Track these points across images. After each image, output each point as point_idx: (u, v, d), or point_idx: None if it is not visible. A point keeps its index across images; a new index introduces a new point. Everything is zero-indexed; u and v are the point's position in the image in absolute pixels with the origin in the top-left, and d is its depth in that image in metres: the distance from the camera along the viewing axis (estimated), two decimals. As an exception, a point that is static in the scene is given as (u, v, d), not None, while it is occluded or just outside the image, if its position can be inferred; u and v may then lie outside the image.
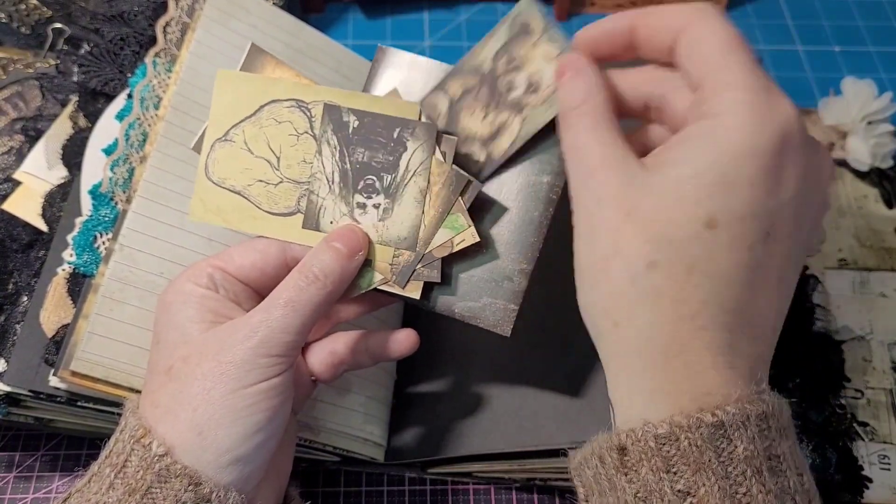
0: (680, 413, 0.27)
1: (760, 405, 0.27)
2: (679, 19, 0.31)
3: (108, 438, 0.34)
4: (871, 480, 0.47)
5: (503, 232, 0.38)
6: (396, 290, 0.36)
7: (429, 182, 0.36)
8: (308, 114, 0.35)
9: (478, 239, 0.36)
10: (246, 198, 0.37)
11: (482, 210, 0.37)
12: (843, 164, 0.61)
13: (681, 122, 0.30)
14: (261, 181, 0.37)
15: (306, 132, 0.36)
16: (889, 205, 0.59)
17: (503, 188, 0.38)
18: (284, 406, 0.34)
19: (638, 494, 0.28)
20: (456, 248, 0.36)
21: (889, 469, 0.48)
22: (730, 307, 0.28)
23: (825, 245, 0.57)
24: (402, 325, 0.47)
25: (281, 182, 0.36)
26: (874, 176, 0.60)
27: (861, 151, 0.60)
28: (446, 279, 0.37)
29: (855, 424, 0.49)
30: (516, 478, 0.47)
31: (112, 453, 0.32)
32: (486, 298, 0.37)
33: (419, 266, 0.36)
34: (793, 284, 0.31)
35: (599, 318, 0.30)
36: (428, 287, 0.37)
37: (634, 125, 0.34)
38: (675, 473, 0.27)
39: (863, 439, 0.49)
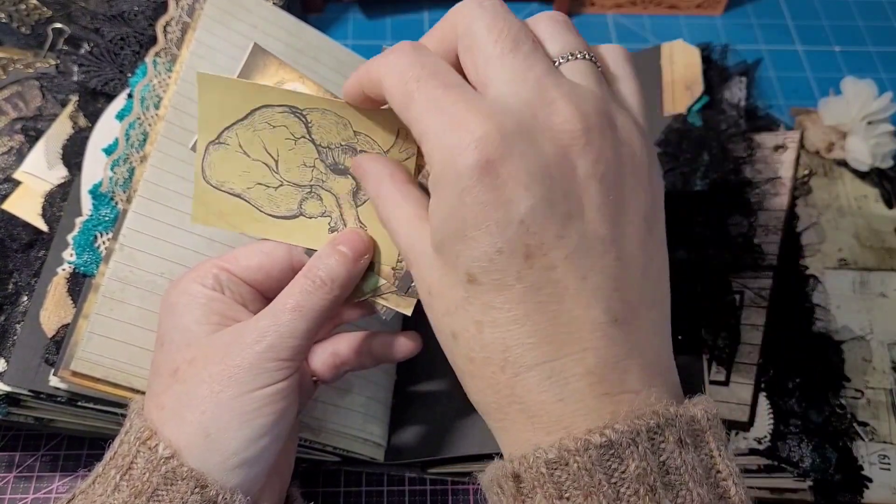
0: (569, 437, 0.26)
1: (653, 418, 0.26)
2: (375, 72, 0.30)
3: (112, 440, 0.34)
4: (871, 480, 0.47)
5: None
6: (391, 304, 0.36)
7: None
8: (304, 119, 0.35)
9: None
10: (247, 201, 0.36)
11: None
12: (843, 164, 0.61)
13: None
14: (260, 184, 0.36)
15: (304, 137, 0.36)
16: (889, 205, 0.59)
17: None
18: (290, 409, 0.34)
19: None
20: None
21: (889, 469, 0.48)
22: (530, 343, 0.27)
23: (825, 245, 0.57)
24: (404, 327, 0.47)
25: (281, 185, 0.36)
26: (874, 176, 0.60)
27: (861, 151, 0.60)
28: None
29: (855, 424, 0.49)
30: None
31: (117, 455, 0.32)
32: None
33: (414, 284, 0.36)
34: (609, 273, 0.27)
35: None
36: None
37: None
38: (567, 499, 0.26)
39: (863, 439, 0.49)
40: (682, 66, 0.58)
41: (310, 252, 0.36)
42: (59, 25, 0.54)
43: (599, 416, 0.26)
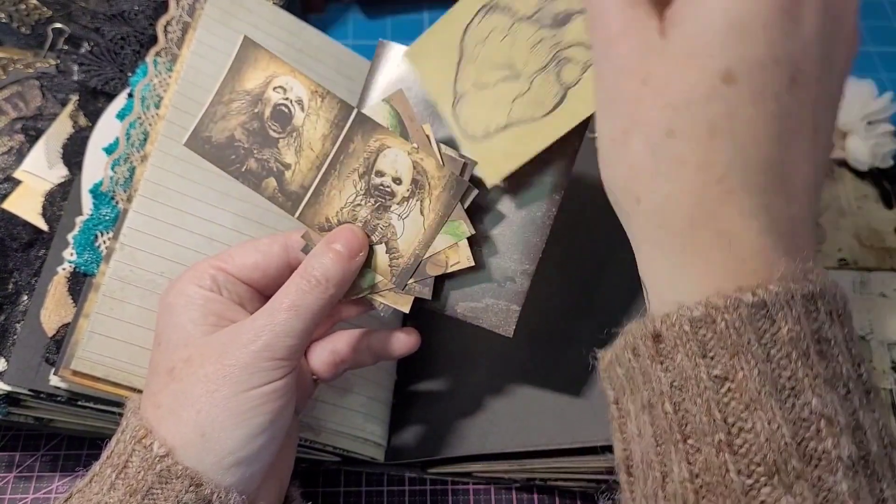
0: (717, 293, 0.25)
1: (807, 285, 0.25)
2: None
3: (110, 439, 0.34)
4: (871, 480, 0.47)
5: (505, 232, 0.38)
6: (389, 301, 0.36)
7: (429, 185, 0.36)
8: (499, 5, 0.33)
9: (472, 263, 0.36)
10: (518, 123, 0.34)
11: (484, 210, 0.37)
12: (843, 164, 0.61)
13: None
14: (517, 99, 0.34)
15: (513, 22, 0.33)
16: (889, 205, 0.59)
17: (505, 188, 0.38)
18: (287, 408, 0.34)
19: (674, 383, 0.26)
20: (449, 270, 0.36)
21: (889, 469, 0.48)
22: (760, 166, 0.25)
23: (825, 245, 0.57)
24: (402, 324, 0.47)
25: (531, 82, 0.34)
26: (874, 176, 0.60)
27: (861, 151, 0.60)
28: (437, 294, 0.37)
29: (855, 424, 0.49)
30: (516, 478, 0.47)
31: (113, 454, 0.32)
32: (489, 299, 0.37)
33: (411, 281, 0.36)
34: (830, 133, 0.28)
35: (622, 196, 0.28)
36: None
37: None
38: (711, 358, 0.25)
39: (863, 439, 0.49)
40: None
41: (305, 250, 0.36)
42: (59, 25, 0.54)
43: (786, 264, 0.25)
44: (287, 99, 0.36)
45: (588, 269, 0.48)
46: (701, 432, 0.25)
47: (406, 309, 0.36)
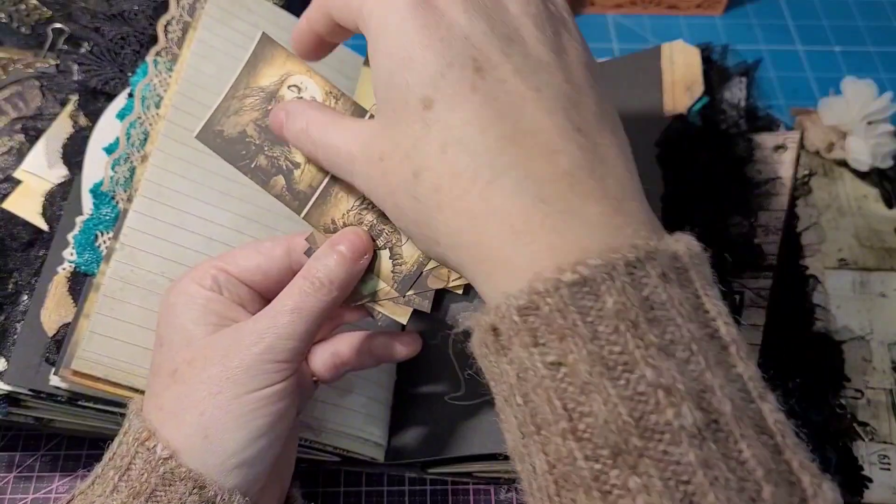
0: (537, 278, 0.24)
1: (631, 251, 0.24)
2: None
3: (112, 440, 0.34)
4: (871, 480, 0.47)
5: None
6: (387, 311, 0.36)
7: None
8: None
9: None
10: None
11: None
12: (843, 164, 0.61)
13: None
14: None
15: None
16: (889, 205, 0.59)
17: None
18: (289, 410, 0.34)
19: (519, 375, 0.25)
20: (451, 285, 0.36)
21: (889, 469, 0.48)
22: (497, 148, 0.26)
23: (825, 245, 0.57)
24: (403, 327, 0.47)
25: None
26: (874, 176, 0.60)
27: (861, 151, 0.60)
28: (437, 306, 0.37)
29: (855, 424, 0.49)
30: (516, 478, 0.47)
31: (116, 456, 0.32)
32: None
33: (412, 293, 0.36)
34: (563, 90, 0.27)
35: (429, 250, 0.30)
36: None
37: None
38: (543, 345, 0.24)
39: (863, 439, 0.49)
40: (682, 66, 0.58)
41: (308, 252, 0.36)
42: (59, 25, 0.54)
43: (586, 218, 0.25)
44: (301, 98, 0.36)
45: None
46: (547, 422, 0.24)
47: (404, 321, 0.36)
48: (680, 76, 0.58)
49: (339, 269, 0.34)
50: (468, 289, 0.36)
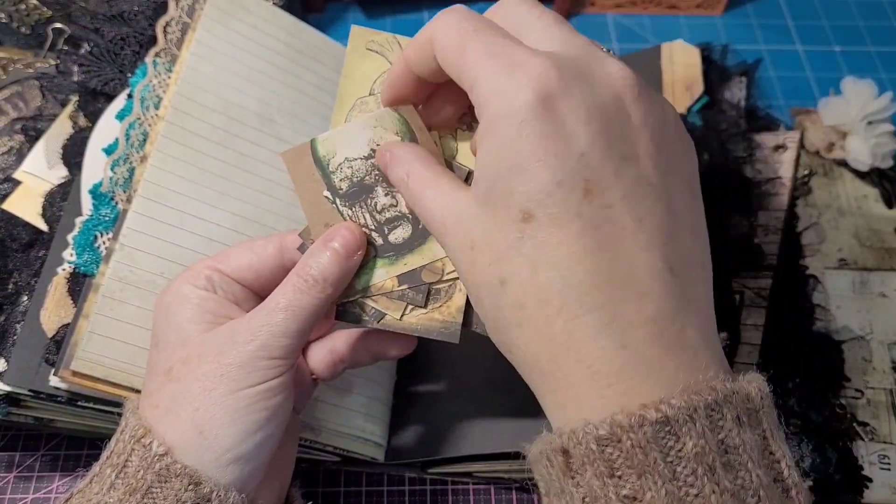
0: (621, 411, 0.25)
1: (710, 393, 0.25)
2: (426, 35, 0.30)
3: (110, 439, 0.34)
4: (871, 480, 0.47)
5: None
6: (380, 307, 0.36)
7: None
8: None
9: None
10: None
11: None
12: (843, 164, 0.61)
13: None
14: None
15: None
16: (889, 205, 0.59)
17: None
18: (284, 405, 0.34)
19: (585, 499, 0.26)
20: (445, 278, 0.36)
21: (889, 469, 0.48)
22: (590, 283, 0.26)
23: (825, 245, 0.57)
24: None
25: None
26: (874, 176, 0.60)
27: (861, 151, 0.60)
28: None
29: (855, 424, 0.49)
30: (516, 478, 0.47)
31: (113, 454, 0.33)
32: None
33: (405, 287, 0.36)
34: (673, 209, 0.27)
35: (500, 347, 0.30)
36: None
37: None
38: (619, 478, 0.25)
39: (863, 439, 0.49)
40: (682, 66, 0.58)
41: (302, 249, 0.36)
42: (59, 25, 0.54)
43: (662, 371, 0.25)
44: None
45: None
46: None
47: (398, 315, 0.36)
48: (680, 76, 0.58)
49: (333, 266, 0.34)
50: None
